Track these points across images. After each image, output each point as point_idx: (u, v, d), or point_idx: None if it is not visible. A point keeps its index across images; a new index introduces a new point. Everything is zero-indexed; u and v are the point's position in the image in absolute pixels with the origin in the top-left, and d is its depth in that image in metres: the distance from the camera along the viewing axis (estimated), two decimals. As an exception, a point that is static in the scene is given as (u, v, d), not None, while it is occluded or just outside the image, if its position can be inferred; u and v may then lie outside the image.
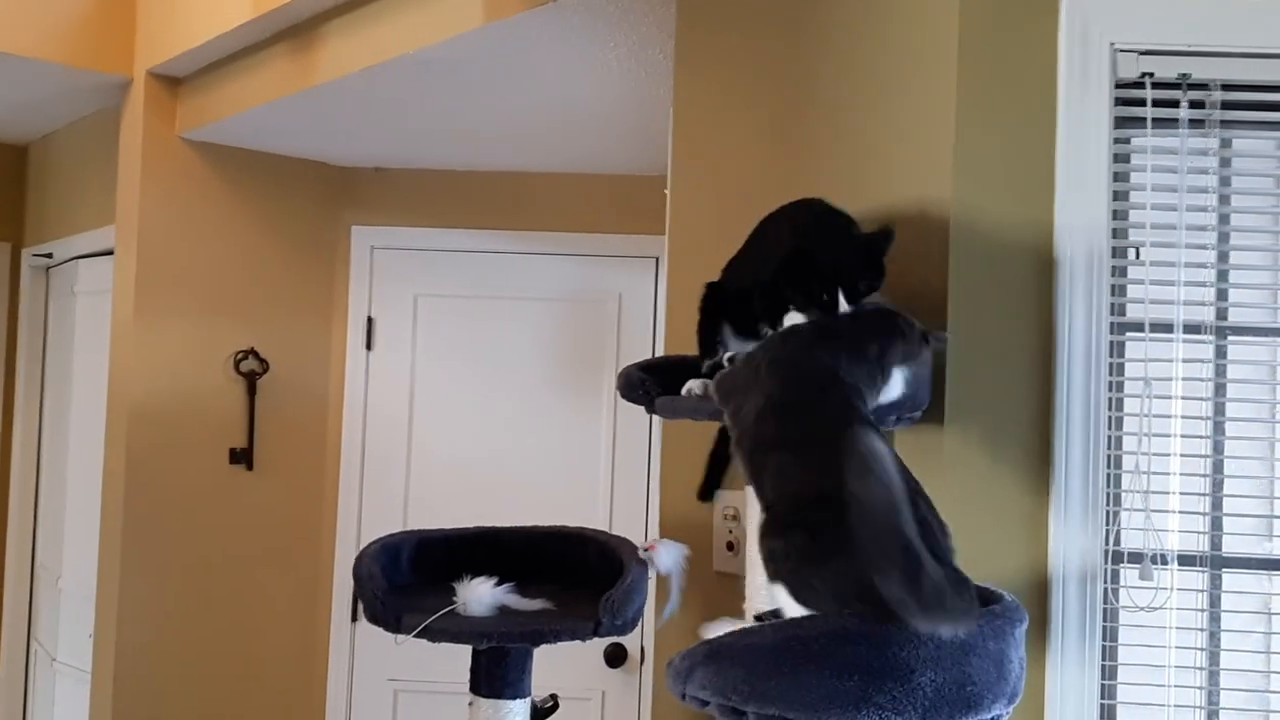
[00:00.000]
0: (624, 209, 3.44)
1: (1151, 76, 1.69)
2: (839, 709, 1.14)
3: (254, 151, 3.41)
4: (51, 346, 4.12)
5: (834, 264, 1.48)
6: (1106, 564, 1.67)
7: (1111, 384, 1.69)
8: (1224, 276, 1.73)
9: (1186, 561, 1.69)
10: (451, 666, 1.84)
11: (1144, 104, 1.69)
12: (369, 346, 3.58)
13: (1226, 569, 1.72)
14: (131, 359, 3.22)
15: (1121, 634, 1.71)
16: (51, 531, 4.00)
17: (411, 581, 1.85)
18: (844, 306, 1.48)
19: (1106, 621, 1.68)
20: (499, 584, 1.75)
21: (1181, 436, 1.70)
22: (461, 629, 1.66)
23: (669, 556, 1.74)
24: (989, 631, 1.20)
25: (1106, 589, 1.67)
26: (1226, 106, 1.70)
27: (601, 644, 3.36)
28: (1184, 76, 1.69)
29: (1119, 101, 1.71)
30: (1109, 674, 1.68)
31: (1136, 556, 1.68)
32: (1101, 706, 1.67)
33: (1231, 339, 1.74)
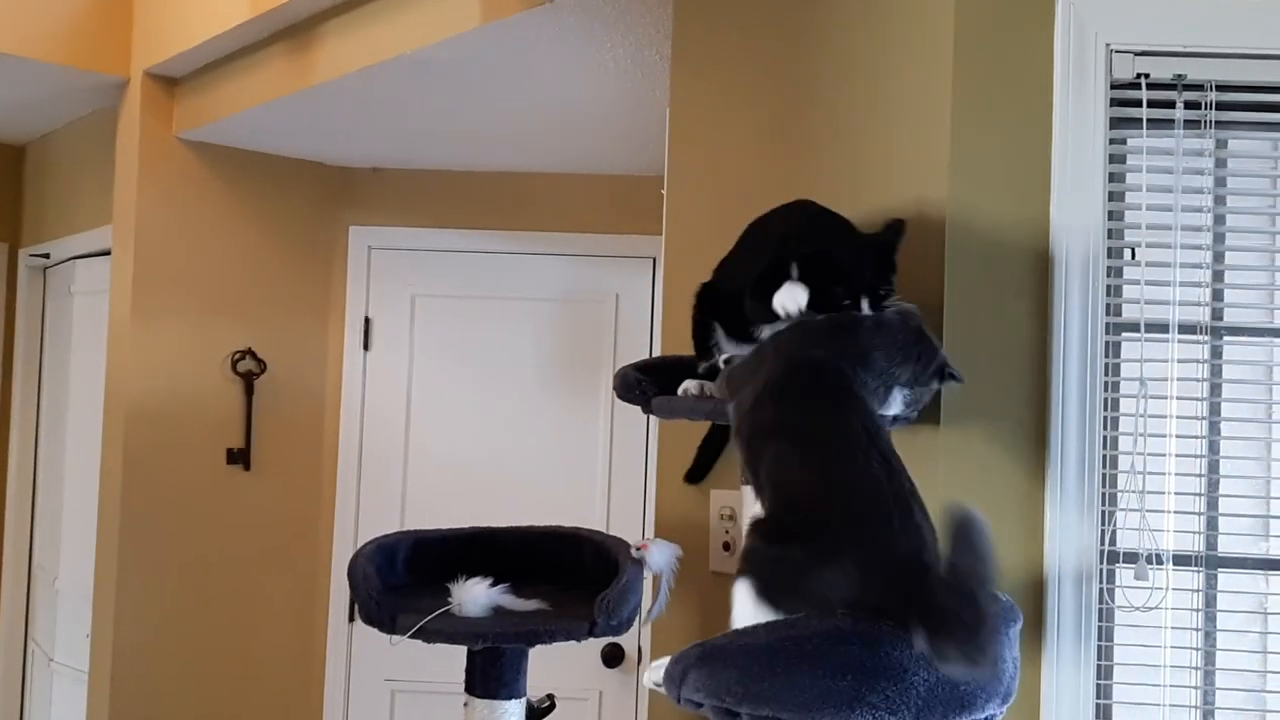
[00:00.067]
0: (621, 209, 3.44)
1: (1147, 77, 1.70)
2: (833, 709, 1.14)
3: (251, 152, 3.41)
4: (49, 347, 4.12)
5: (852, 264, 1.48)
6: (1102, 564, 1.67)
7: (1107, 384, 1.69)
8: (1219, 277, 1.74)
9: (1182, 561, 1.70)
10: (449, 667, 1.84)
11: (1139, 105, 1.70)
12: (366, 347, 3.58)
13: (1222, 569, 1.72)
14: (129, 359, 3.22)
15: (1117, 634, 1.71)
16: (49, 532, 3.99)
17: (407, 582, 1.85)
18: (865, 310, 1.47)
19: (1102, 621, 1.68)
20: (494, 584, 1.75)
21: (1177, 436, 1.70)
22: (456, 629, 1.66)
23: (661, 556, 1.74)
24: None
25: (1102, 589, 1.68)
26: (1221, 107, 1.71)
27: (599, 644, 3.36)
28: (1179, 77, 1.69)
29: (1114, 102, 1.71)
30: (1104, 674, 1.69)
31: (1132, 556, 1.68)
32: (1097, 706, 1.67)
33: (1227, 339, 1.74)
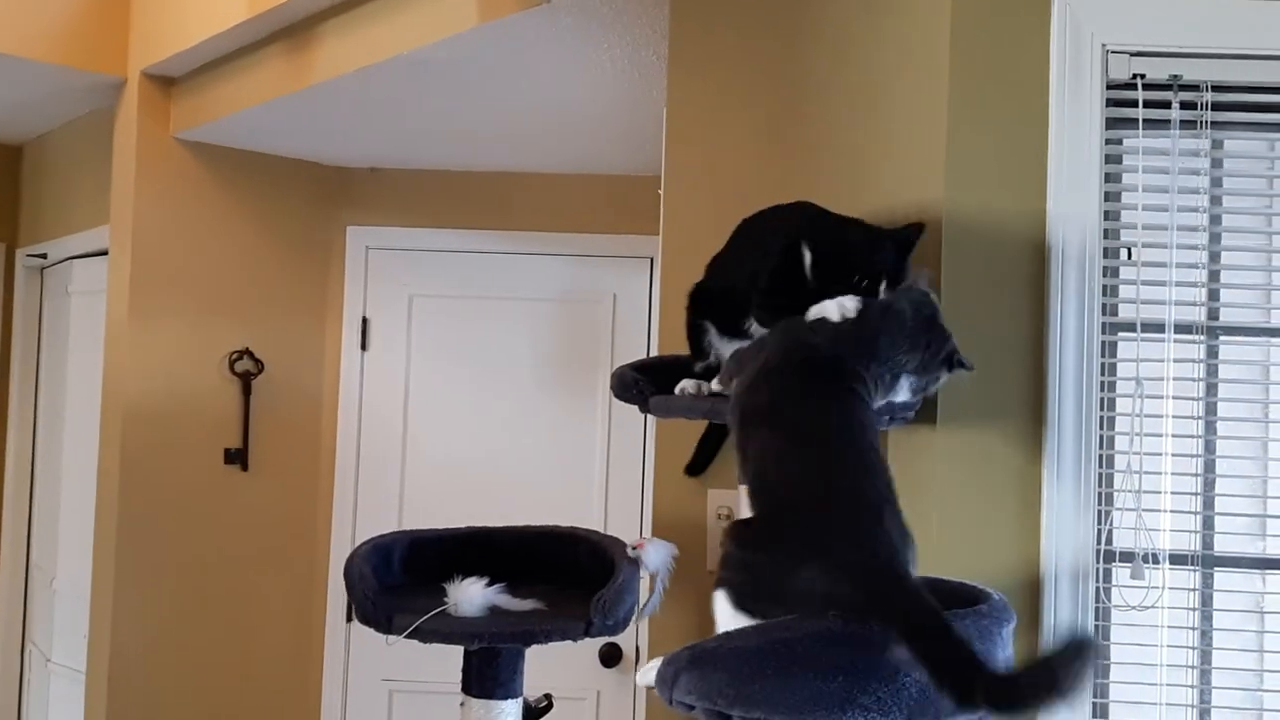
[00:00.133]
0: (619, 209, 3.44)
1: (1143, 78, 1.70)
2: (824, 711, 1.14)
3: (249, 152, 3.40)
4: (46, 347, 4.12)
5: (868, 249, 1.48)
6: (1098, 563, 1.67)
7: (1103, 384, 1.70)
8: (1215, 277, 1.74)
9: (1178, 561, 1.70)
10: (446, 667, 1.84)
11: (1135, 105, 1.70)
12: (364, 347, 3.58)
13: (1218, 568, 1.72)
14: (126, 359, 3.21)
15: (1113, 633, 1.71)
16: (46, 532, 3.99)
17: (403, 582, 1.84)
18: (883, 295, 1.47)
19: (1098, 620, 1.68)
20: (490, 584, 1.75)
21: (1173, 436, 1.70)
22: (452, 630, 1.66)
23: (657, 555, 1.74)
24: (975, 632, 1.20)
25: (1098, 588, 1.68)
26: (1217, 108, 1.71)
27: (596, 644, 3.36)
28: (1175, 78, 1.70)
29: (1110, 102, 1.71)
30: (1101, 673, 1.69)
31: (1128, 556, 1.68)
32: (1094, 705, 1.67)
33: (1223, 339, 1.74)
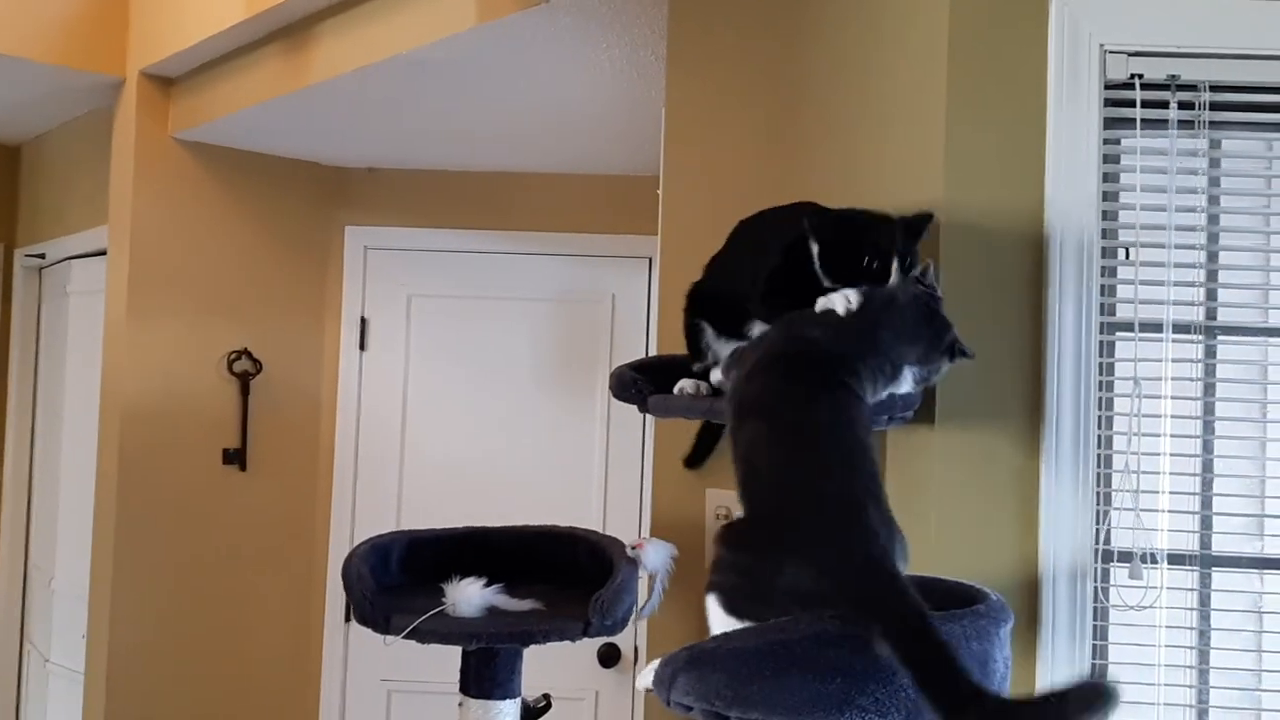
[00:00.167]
0: (617, 209, 3.44)
1: (1141, 77, 1.70)
2: (822, 712, 1.14)
3: (247, 152, 3.40)
4: (44, 347, 4.12)
5: (876, 231, 1.48)
6: (1097, 563, 1.67)
7: (1102, 383, 1.70)
8: (1213, 276, 1.74)
9: (1176, 560, 1.70)
10: (445, 667, 1.84)
11: (1133, 105, 1.70)
12: (362, 347, 3.58)
13: (1216, 568, 1.72)
14: (124, 359, 3.21)
15: (1112, 633, 1.71)
16: (45, 532, 3.99)
17: (401, 582, 1.84)
18: (895, 277, 1.46)
19: (1097, 620, 1.68)
20: (488, 584, 1.75)
21: (1171, 436, 1.70)
22: (450, 630, 1.66)
23: (656, 555, 1.74)
24: (972, 631, 1.20)
25: (1097, 588, 1.68)
26: (1215, 107, 1.71)
27: (595, 644, 3.36)
28: (1173, 77, 1.70)
29: (1108, 102, 1.71)
30: (1099, 673, 1.69)
31: (1126, 555, 1.68)
32: (1091, 706, 1.67)
33: (1221, 339, 1.74)
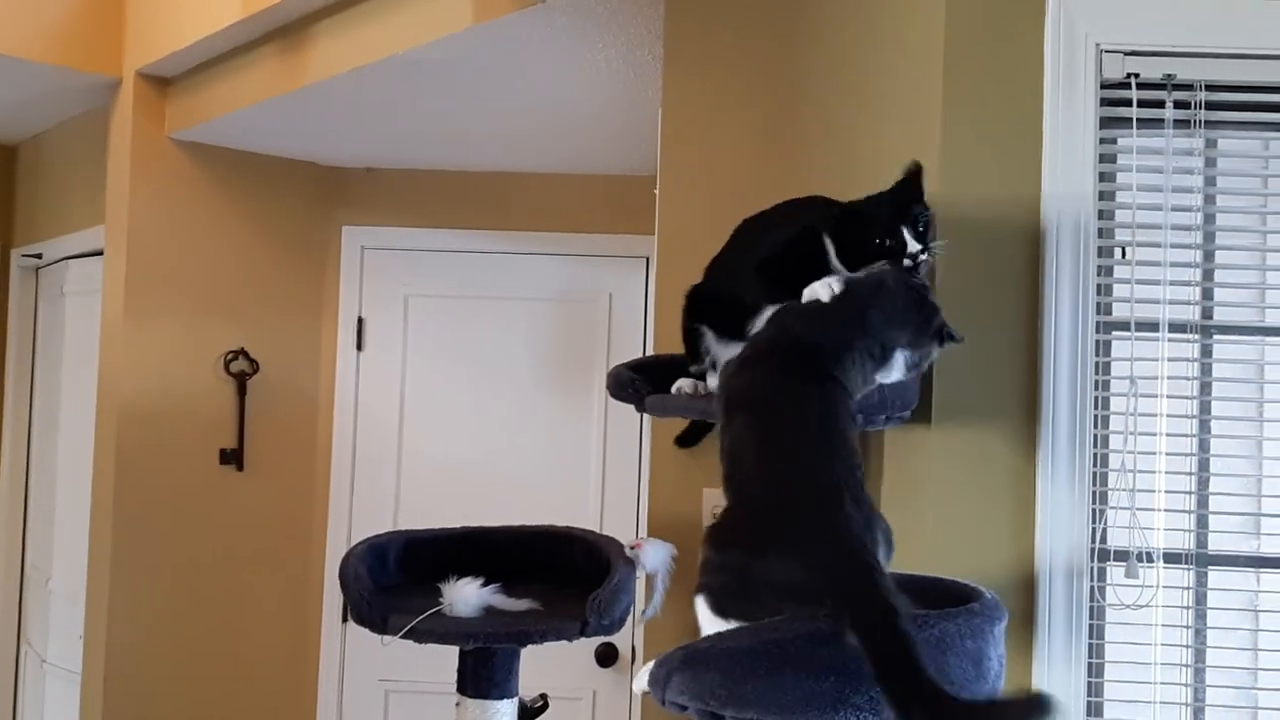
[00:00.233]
0: (614, 209, 3.44)
1: (1137, 77, 1.70)
2: (816, 711, 1.14)
3: (244, 152, 3.40)
4: (41, 347, 4.11)
5: (885, 207, 1.48)
6: (1093, 562, 1.68)
7: (1097, 383, 1.70)
8: (1209, 276, 1.74)
9: (1172, 559, 1.70)
10: (443, 667, 1.84)
11: (1129, 104, 1.70)
12: (359, 347, 3.57)
13: (1212, 567, 1.73)
14: (121, 359, 3.21)
15: (1108, 631, 1.71)
16: (42, 532, 3.99)
17: (399, 582, 1.84)
18: (913, 245, 1.46)
19: (1093, 619, 1.68)
20: (485, 584, 1.75)
21: (1167, 435, 1.70)
22: (448, 630, 1.66)
23: (655, 555, 1.74)
24: (966, 630, 1.20)
25: (1093, 587, 1.68)
26: (1211, 107, 1.71)
27: (592, 643, 3.36)
28: (1169, 77, 1.70)
29: (1105, 102, 1.71)
30: (1096, 671, 1.69)
31: (1123, 554, 1.68)
32: (1088, 704, 1.68)
33: (1217, 338, 1.74)
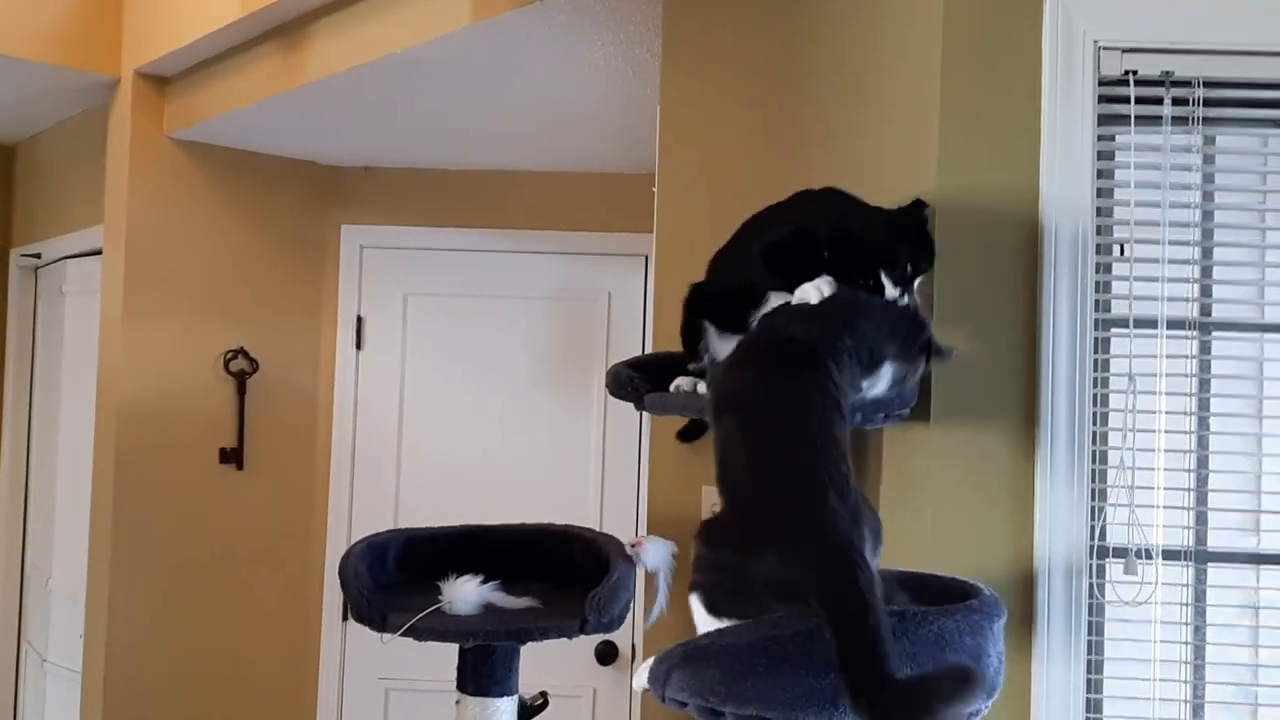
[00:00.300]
0: (613, 207, 3.44)
1: (1135, 74, 1.70)
2: (816, 707, 1.14)
3: (242, 151, 3.40)
4: (40, 347, 4.11)
5: (874, 247, 1.48)
6: (1092, 559, 1.68)
7: (1096, 380, 1.70)
8: (1208, 273, 1.74)
9: (1171, 556, 1.70)
10: (443, 665, 1.84)
11: (1127, 101, 1.70)
12: (359, 346, 3.57)
13: (1211, 563, 1.73)
14: (120, 359, 3.21)
15: (1107, 628, 1.71)
16: (42, 532, 3.99)
17: (398, 580, 1.85)
18: (891, 292, 1.46)
19: (1092, 616, 1.68)
20: (485, 582, 1.75)
21: (1166, 432, 1.70)
22: (447, 627, 1.66)
23: (656, 553, 1.74)
24: (965, 626, 1.21)
25: (1092, 583, 1.68)
26: (1209, 104, 1.71)
27: (592, 641, 3.36)
28: (1167, 74, 1.70)
29: (1103, 99, 1.71)
30: (1095, 668, 1.69)
31: (1121, 551, 1.68)
32: (1087, 700, 1.68)
33: (1215, 335, 1.74)
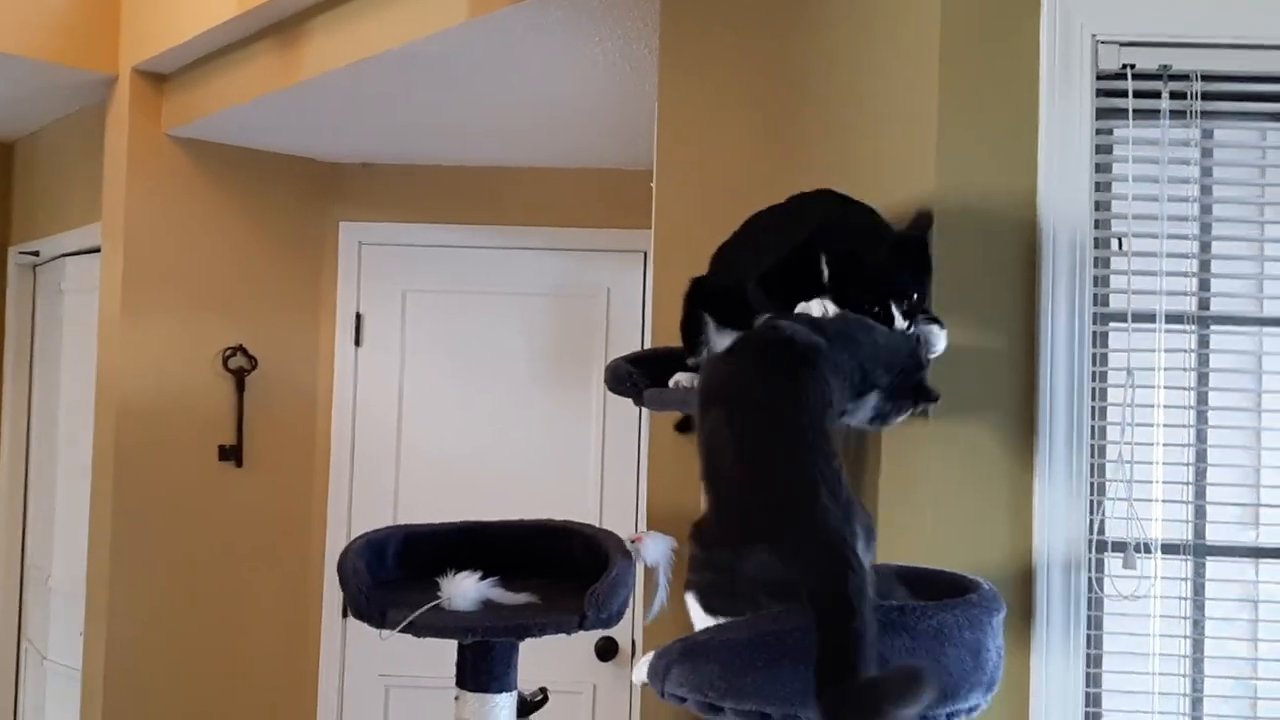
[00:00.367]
0: (612, 203, 3.43)
1: (1133, 68, 1.70)
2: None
3: (241, 148, 3.40)
4: (39, 345, 4.11)
5: (879, 271, 1.46)
6: (1090, 553, 1.68)
7: (1094, 374, 1.70)
8: (1206, 267, 1.74)
9: (1170, 550, 1.70)
10: (443, 662, 1.84)
11: (1125, 95, 1.70)
12: (358, 343, 3.57)
13: (1210, 557, 1.73)
14: (119, 356, 3.21)
15: (1106, 622, 1.71)
16: (41, 529, 3.99)
17: (397, 577, 1.85)
18: (900, 323, 1.45)
19: (1091, 610, 1.68)
20: (484, 578, 1.75)
21: (1164, 426, 1.70)
22: (446, 624, 1.66)
23: (656, 549, 1.74)
24: (964, 621, 1.21)
25: (1091, 578, 1.68)
26: (1207, 97, 1.71)
27: (592, 637, 3.36)
28: (1165, 68, 1.70)
29: (1100, 93, 1.71)
30: (1094, 662, 1.69)
31: (1120, 545, 1.68)
32: (1086, 695, 1.68)
33: (1214, 329, 1.74)
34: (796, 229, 1.55)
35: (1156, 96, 1.71)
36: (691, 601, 1.28)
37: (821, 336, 1.37)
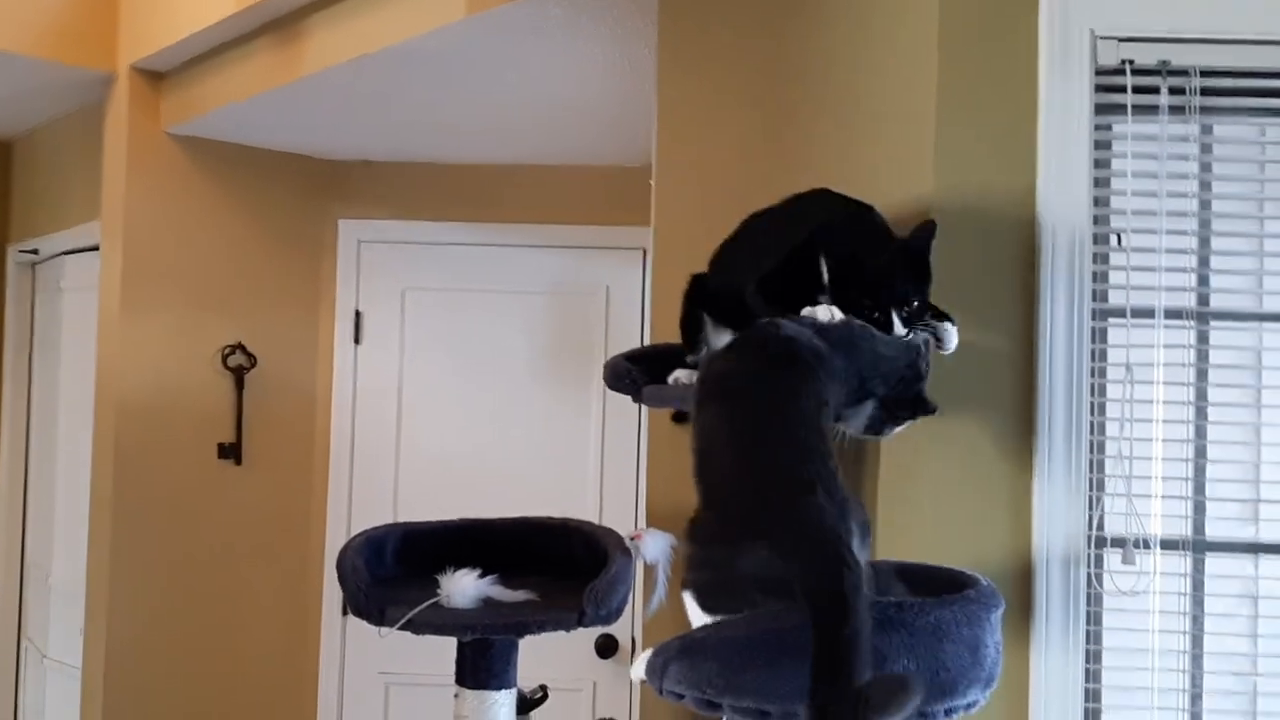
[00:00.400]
0: (611, 201, 3.43)
1: (1131, 63, 1.70)
2: (813, 700, 1.14)
3: (239, 145, 3.39)
4: (38, 343, 4.11)
5: (881, 277, 1.45)
6: (1090, 549, 1.68)
7: (1094, 370, 1.70)
8: (1205, 262, 1.74)
9: (1169, 546, 1.70)
10: (443, 660, 1.85)
11: (1124, 91, 1.70)
12: (357, 340, 3.57)
13: (1209, 553, 1.73)
14: (118, 355, 3.21)
15: (1105, 618, 1.72)
16: (41, 528, 3.99)
17: (396, 574, 1.85)
18: (899, 330, 1.44)
19: (1090, 606, 1.69)
20: (483, 576, 1.75)
21: (1164, 421, 1.70)
22: (445, 621, 1.66)
23: (656, 546, 1.73)
24: (963, 617, 1.21)
25: (1090, 573, 1.68)
26: (1206, 93, 1.71)
27: (592, 634, 3.36)
28: (1164, 63, 1.70)
29: (1099, 89, 1.71)
30: (1093, 658, 1.69)
31: (1120, 541, 1.68)
32: (1086, 690, 1.68)
33: (1213, 324, 1.74)
34: (796, 231, 1.55)
35: (1155, 92, 1.71)
36: (689, 600, 1.28)
37: (823, 341, 1.37)
